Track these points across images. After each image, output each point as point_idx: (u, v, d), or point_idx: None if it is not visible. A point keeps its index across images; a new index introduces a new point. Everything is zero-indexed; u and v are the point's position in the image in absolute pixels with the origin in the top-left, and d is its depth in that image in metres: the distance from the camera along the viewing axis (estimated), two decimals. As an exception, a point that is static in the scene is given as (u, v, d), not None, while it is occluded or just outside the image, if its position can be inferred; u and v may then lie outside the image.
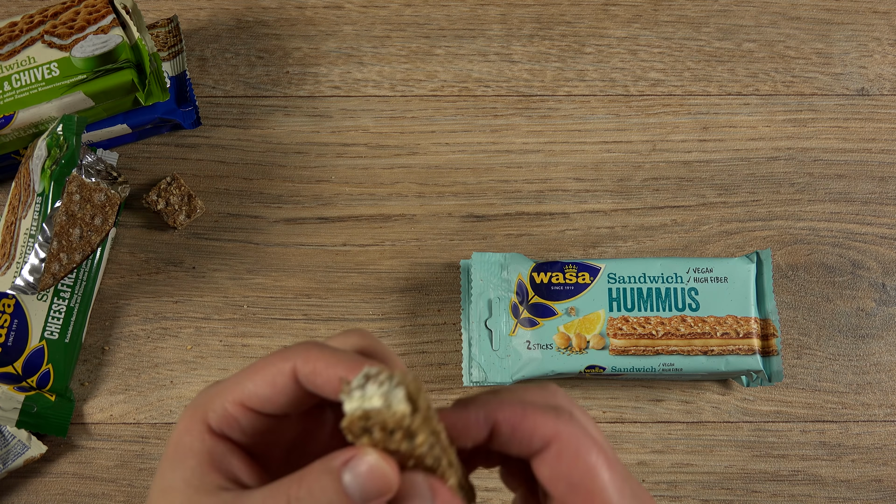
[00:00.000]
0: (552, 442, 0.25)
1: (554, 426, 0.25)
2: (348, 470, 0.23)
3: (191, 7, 0.57)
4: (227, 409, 0.26)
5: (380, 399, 0.23)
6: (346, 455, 0.24)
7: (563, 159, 0.55)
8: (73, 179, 0.48)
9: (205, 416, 0.26)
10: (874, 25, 0.58)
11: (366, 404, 0.23)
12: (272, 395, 0.25)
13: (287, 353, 0.26)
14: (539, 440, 0.25)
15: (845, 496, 0.51)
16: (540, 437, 0.25)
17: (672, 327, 0.48)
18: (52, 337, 0.50)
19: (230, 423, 0.26)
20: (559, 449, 0.25)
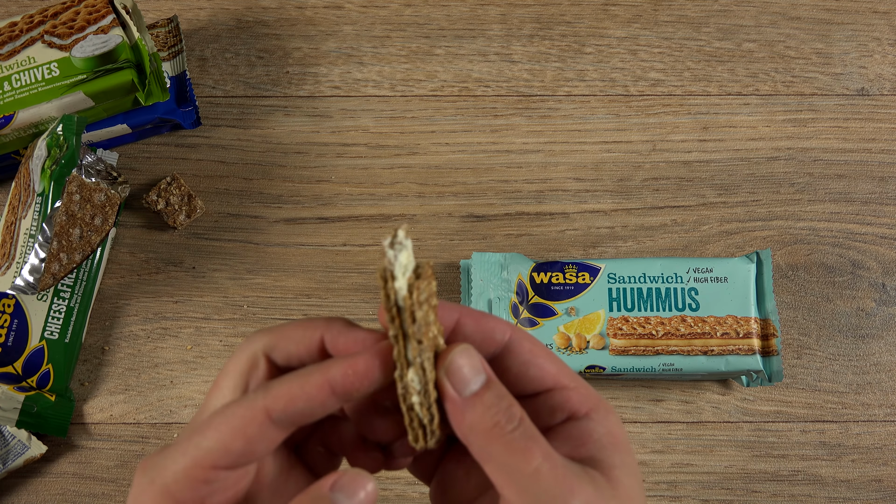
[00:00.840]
0: (512, 335, 0.29)
1: (508, 324, 0.29)
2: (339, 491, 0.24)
3: (191, 7, 0.57)
4: (191, 474, 0.25)
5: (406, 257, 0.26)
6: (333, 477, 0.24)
7: (563, 159, 0.55)
8: (73, 179, 0.48)
9: (164, 485, 0.25)
10: (874, 25, 0.58)
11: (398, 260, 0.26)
12: (245, 447, 0.25)
13: (254, 398, 0.25)
14: (501, 333, 0.28)
15: (845, 496, 0.51)
16: (501, 331, 0.28)
17: (672, 327, 0.48)
18: (52, 337, 0.50)
19: (198, 489, 0.25)
20: (519, 338, 0.29)
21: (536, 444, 0.26)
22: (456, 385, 0.26)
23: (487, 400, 0.26)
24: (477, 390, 0.26)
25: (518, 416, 0.26)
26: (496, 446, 0.26)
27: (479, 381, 0.26)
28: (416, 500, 0.50)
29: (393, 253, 0.26)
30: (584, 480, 0.26)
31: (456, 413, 0.26)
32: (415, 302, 0.26)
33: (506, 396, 0.27)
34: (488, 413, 0.26)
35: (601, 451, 0.28)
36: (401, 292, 0.26)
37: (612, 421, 0.29)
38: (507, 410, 0.26)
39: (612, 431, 0.28)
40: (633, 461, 0.28)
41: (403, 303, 0.26)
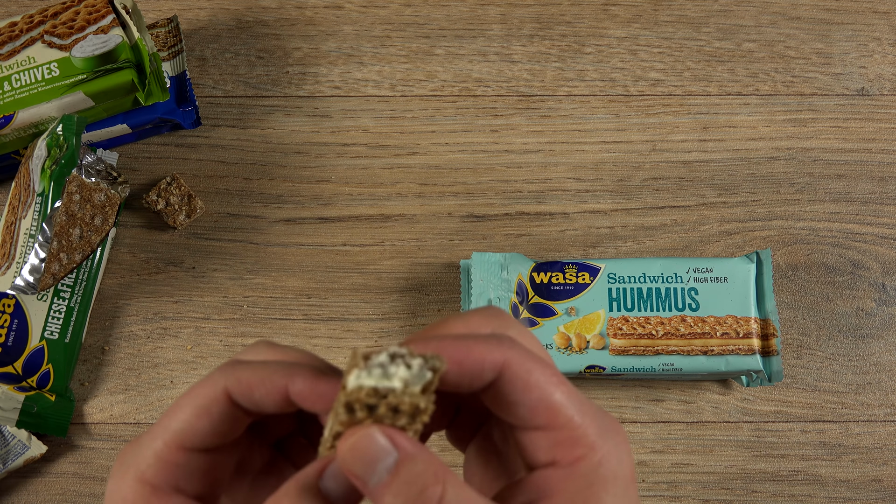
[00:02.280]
0: (506, 366, 0.25)
1: (501, 350, 0.24)
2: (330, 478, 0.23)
3: (191, 7, 0.57)
4: (163, 456, 0.24)
5: (400, 381, 0.23)
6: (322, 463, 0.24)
7: (563, 159, 0.55)
8: (73, 179, 0.48)
9: (138, 472, 0.24)
10: (874, 25, 0.58)
11: (383, 383, 0.23)
12: (210, 426, 0.24)
13: (211, 379, 0.25)
14: (491, 369, 0.24)
15: (845, 496, 0.51)
16: (491, 365, 0.24)
17: (672, 327, 0.48)
18: (52, 337, 0.50)
19: (170, 472, 0.24)
20: (516, 369, 0.25)
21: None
22: (358, 474, 0.23)
23: (397, 485, 0.23)
24: (384, 479, 0.23)
25: (437, 495, 0.23)
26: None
27: (389, 462, 0.23)
28: (416, 500, 0.50)
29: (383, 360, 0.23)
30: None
31: (373, 500, 0.24)
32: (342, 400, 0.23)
33: (421, 473, 0.23)
34: (400, 498, 0.23)
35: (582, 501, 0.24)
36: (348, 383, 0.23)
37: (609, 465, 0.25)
38: (423, 492, 0.23)
39: (594, 483, 0.24)
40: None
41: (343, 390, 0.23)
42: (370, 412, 0.23)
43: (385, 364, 0.23)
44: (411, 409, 0.23)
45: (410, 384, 0.23)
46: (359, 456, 0.23)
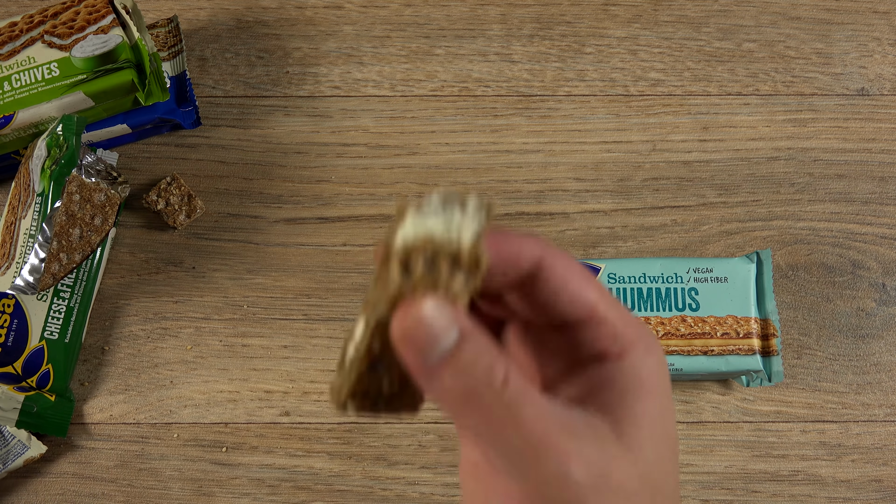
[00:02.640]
0: (542, 257, 0.24)
1: (535, 241, 0.24)
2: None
3: (191, 7, 0.57)
4: None
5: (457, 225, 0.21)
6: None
7: (563, 159, 0.55)
8: (73, 179, 0.48)
9: None
10: (874, 25, 0.58)
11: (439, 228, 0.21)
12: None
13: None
14: (528, 258, 0.24)
15: (845, 496, 0.51)
16: (529, 254, 0.24)
17: (672, 327, 0.48)
18: (52, 337, 0.50)
19: None
20: (551, 261, 0.24)
21: (526, 408, 0.22)
22: (420, 348, 0.21)
23: (461, 362, 0.21)
24: (448, 351, 0.21)
25: (501, 377, 0.22)
26: (474, 417, 0.22)
27: (451, 338, 0.21)
28: (415, 500, 0.50)
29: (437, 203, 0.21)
30: (584, 440, 0.22)
31: (421, 379, 0.22)
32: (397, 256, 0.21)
33: (486, 352, 0.22)
34: (463, 379, 0.21)
35: (620, 400, 0.24)
36: (399, 238, 0.21)
37: (649, 364, 0.24)
38: (488, 373, 0.21)
39: (641, 377, 0.24)
40: (660, 414, 0.24)
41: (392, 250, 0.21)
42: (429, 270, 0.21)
43: (439, 207, 0.21)
44: (470, 262, 0.21)
45: (465, 228, 0.21)
46: (422, 329, 0.21)
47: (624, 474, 0.22)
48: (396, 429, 0.51)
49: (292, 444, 0.51)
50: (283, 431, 0.51)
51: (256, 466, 0.51)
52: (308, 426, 0.51)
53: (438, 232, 0.21)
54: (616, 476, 0.22)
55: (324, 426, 0.51)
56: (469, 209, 0.21)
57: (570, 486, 0.22)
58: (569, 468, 0.22)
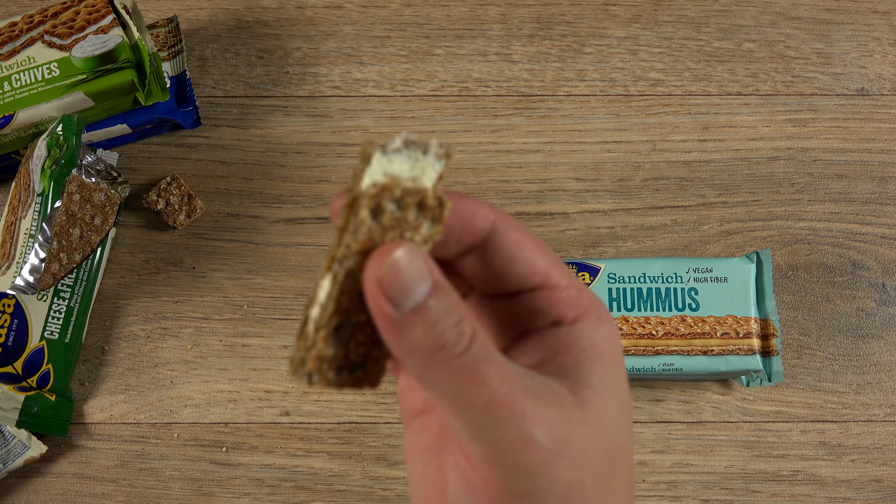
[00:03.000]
0: (495, 221, 0.24)
1: (491, 211, 0.24)
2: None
3: (191, 7, 0.57)
4: None
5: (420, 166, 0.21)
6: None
7: (563, 159, 0.55)
8: (73, 179, 0.48)
9: None
10: (874, 25, 0.58)
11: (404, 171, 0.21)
12: None
13: None
14: (483, 220, 0.24)
15: (845, 496, 0.51)
16: (483, 217, 0.24)
17: (672, 327, 0.48)
18: (52, 337, 0.50)
19: None
20: (505, 227, 0.24)
21: (491, 367, 0.21)
22: (392, 296, 0.21)
23: (432, 315, 0.21)
24: (419, 302, 0.21)
25: (468, 334, 0.21)
26: (440, 372, 0.21)
27: (424, 289, 0.21)
28: (416, 500, 0.50)
29: (399, 145, 0.21)
30: (546, 404, 0.22)
31: (390, 332, 0.21)
32: (369, 196, 0.20)
33: (455, 308, 0.21)
34: (432, 332, 0.21)
35: (577, 365, 0.24)
36: (366, 180, 0.21)
37: (603, 332, 0.24)
38: (456, 327, 0.21)
39: (597, 344, 0.24)
40: (614, 380, 0.24)
41: (360, 192, 0.21)
42: (395, 214, 0.21)
43: (400, 149, 0.21)
44: (435, 206, 0.21)
45: (427, 172, 0.21)
46: (396, 275, 0.21)
47: (584, 439, 0.22)
48: (396, 429, 0.51)
49: (292, 444, 0.51)
50: (283, 431, 0.51)
51: (256, 466, 0.51)
52: (308, 426, 0.51)
53: (404, 173, 0.21)
54: (576, 441, 0.22)
55: (324, 426, 0.51)
56: (430, 152, 0.21)
57: (532, 449, 0.21)
58: (532, 431, 0.21)
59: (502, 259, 0.24)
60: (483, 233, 0.24)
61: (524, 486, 0.22)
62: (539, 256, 0.25)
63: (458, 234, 0.24)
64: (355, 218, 0.21)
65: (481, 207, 0.24)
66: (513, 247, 0.24)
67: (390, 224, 0.21)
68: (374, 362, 0.23)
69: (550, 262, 0.25)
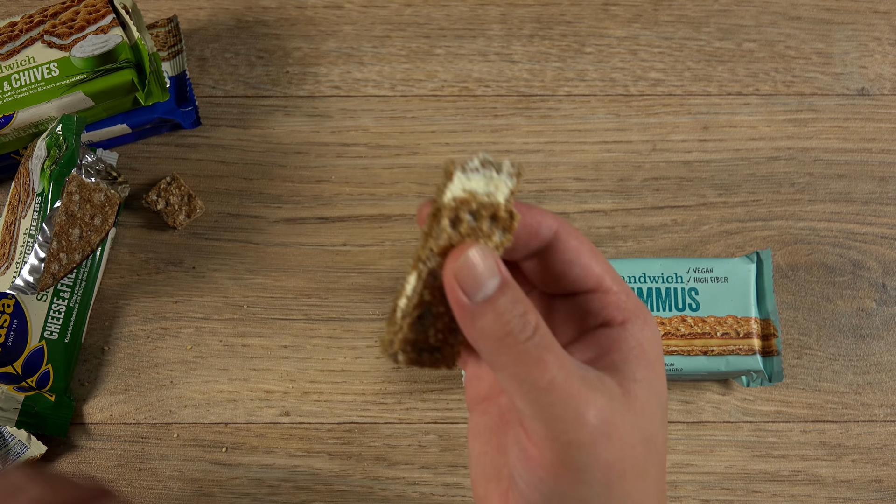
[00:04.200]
0: (559, 230, 0.28)
1: (555, 221, 0.28)
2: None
3: (191, 7, 0.57)
4: None
5: (495, 183, 0.25)
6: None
7: (563, 159, 0.55)
8: (72, 179, 0.48)
9: None
10: (874, 25, 0.58)
11: (481, 187, 0.25)
12: None
13: None
14: (547, 228, 0.28)
15: (846, 496, 0.51)
16: (548, 225, 0.28)
17: (672, 327, 0.48)
18: (52, 337, 0.50)
19: None
20: (566, 235, 0.28)
21: (551, 355, 0.25)
22: (466, 288, 0.25)
23: (500, 306, 0.25)
24: (490, 294, 0.25)
25: (533, 323, 0.25)
26: (508, 356, 0.25)
27: (494, 283, 0.25)
28: (415, 500, 0.50)
29: (477, 165, 0.25)
30: (598, 392, 0.26)
31: (465, 319, 0.25)
32: (447, 210, 0.25)
33: (521, 301, 0.25)
34: (501, 320, 0.25)
35: (625, 362, 0.27)
36: (448, 194, 0.25)
37: (647, 334, 0.28)
38: (522, 318, 0.25)
39: (642, 344, 0.28)
40: (656, 377, 0.28)
41: (443, 205, 0.25)
42: (471, 224, 0.25)
43: (478, 168, 0.25)
44: (506, 217, 0.26)
45: (500, 189, 0.26)
46: (472, 269, 0.25)
47: (627, 425, 0.26)
48: (396, 429, 0.51)
49: (292, 444, 0.51)
50: (283, 431, 0.51)
51: (256, 466, 0.51)
52: (308, 426, 0.51)
53: (480, 189, 0.25)
54: (621, 425, 0.26)
55: (324, 426, 0.51)
56: (503, 171, 0.25)
57: (585, 428, 0.25)
58: (586, 412, 0.25)
59: (562, 263, 0.28)
60: (547, 240, 0.28)
61: (576, 461, 0.25)
62: (594, 263, 0.28)
63: (526, 240, 0.28)
64: (437, 226, 0.25)
65: (546, 218, 0.28)
66: (571, 253, 0.28)
67: (467, 232, 0.25)
68: (451, 347, 0.27)
69: (604, 268, 0.29)
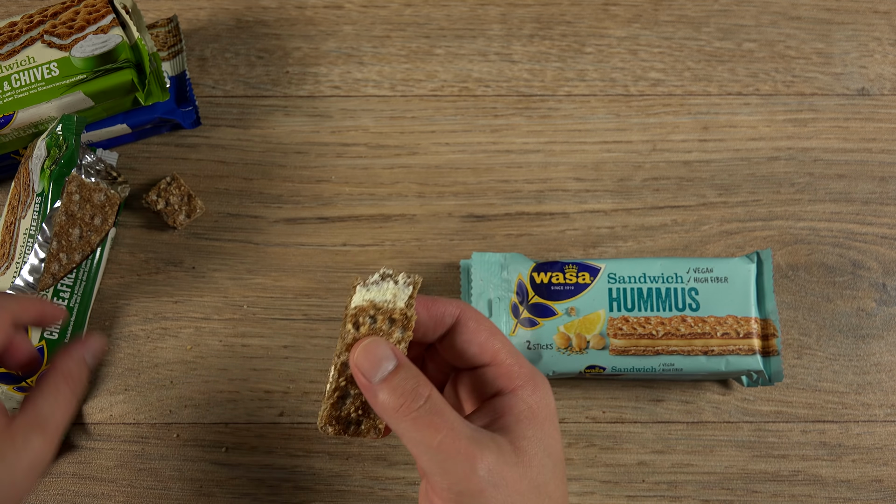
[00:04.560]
0: (460, 315, 0.33)
1: (457, 304, 0.34)
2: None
3: (191, 7, 0.57)
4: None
5: (391, 293, 0.32)
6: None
7: (563, 159, 0.55)
8: (72, 179, 0.48)
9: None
10: (874, 25, 0.58)
11: (379, 297, 0.32)
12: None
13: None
14: (450, 316, 0.33)
15: (846, 496, 0.51)
16: (450, 313, 0.33)
17: (672, 327, 0.48)
18: (52, 337, 0.50)
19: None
20: (466, 318, 0.33)
21: (440, 419, 0.30)
22: (365, 372, 0.30)
23: (394, 383, 0.30)
24: (386, 375, 0.30)
25: (425, 395, 0.30)
26: (405, 423, 0.30)
27: (390, 366, 0.30)
28: (415, 500, 0.50)
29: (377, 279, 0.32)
30: (488, 449, 0.30)
31: (369, 396, 0.31)
32: (349, 317, 0.31)
33: (414, 377, 0.30)
34: (395, 393, 0.30)
35: (516, 423, 0.32)
36: (352, 304, 0.32)
37: (536, 397, 0.33)
38: (414, 391, 0.30)
39: (531, 407, 0.32)
40: (546, 435, 0.32)
41: (347, 312, 0.31)
42: (371, 325, 0.31)
43: (378, 281, 0.32)
44: (402, 319, 0.31)
45: (398, 296, 0.32)
46: (368, 357, 0.31)
47: (516, 475, 0.31)
48: (396, 429, 0.51)
49: (292, 444, 0.51)
50: (283, 431, 0.51)
51: (256, 466, 0.51)
52: (308, 426, 0.51)
53: (378, 298, 0.32)
54: (509, 476, 0.30)
55: (324, 426, 0.51)
56: (400, 282, 0.32)
57: (473, 479, 0.30)
58: (476, 465, 0.30)
59: (462, 342, 0.34)
60: (449, 325, 0.34)
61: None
62: (491, 340, 0.34)
63: (434, 328, 0.34)
64: (344, 328, 0.32)
65: (449, 307, 0.34)
66: (470, 333, 0.34)
67: (368, 332, 0.31)
68: (371, 420, 0.33)
69: (501, 344, 0.34)
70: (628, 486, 0.50)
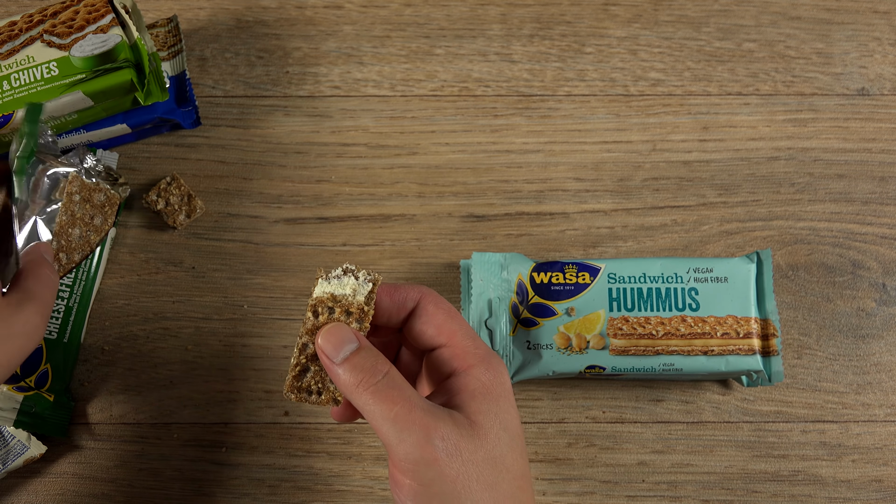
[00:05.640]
0: (420, 300, 0.36)
1: (419, 289, 0.36)
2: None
3: (191, 7, 0.57)
4: None
5: (350, 288, 0.34)
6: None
7: (563, 159, 0.55)
8: (73, 180, 0.48)
9: None
10: (874, 25, 0.58)
11: (338, 290, 0.34)
12: None
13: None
14: (412, 300, 0.36)
15: (846, 496, 0.51)
16: (412, 298, 0.36)
17: (672, 327, 0.48)
18: (51, 337, 0.50)
19: None
20: (426, 302, 0.36)
21: (398, 392, 0.32)
22: (329, 354, 0.33)
23: (354, 361, 0.33)
24: (348, 356, 0.33)
25: (383, 370, 0.33)
26: (365, 396, 0.32)
27: (351, 347, 0.33)
28: (416, 500, 0.50)
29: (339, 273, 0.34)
30: (443, 421, 0.32)
31: (333, 374, 0.33)
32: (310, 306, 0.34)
33: (373, 357, 0.33)
34: (356, 370, 0.32)
35: (470, 399, 0.34)
36: (314, 294, 0.34)
37: (490, 375, 0.35)
38: (373, 367, 0.33)
39: (485, 384, 0.34)
40: (501, 410, 0.34)
41: (310, 301, 0.34)
42: (329, 315, 0.34)
43: (340, 276, 0.34)
44: (358, 312, 0.34)
45: (357, 291, 0.34)
46: (331, 339, 0.33)
47: (471, 447, 0.33)
48: (396, 429, 0.51)
49: (292, 444, 0.51)
50: (283, 431, 0.51)
51: (256, 466, 0.51)
52: (308, 426, 0.51)
53: (338, 291, 0.34)
54: (465, 447, 0.32)
55: (324, 426, 0.51)
56: (360, 278, 0.35)
57: (429, 449, 0.32)
58: (430, 435, 0.32)
59: (421, 324, 0.36)
60: (410, 308, 0.36)
61: (426, 476, 0.32)
62: (448, 322, 0.36)
63: (396, 312, 0.36)
64: (305, 315, 0.35)
65: (411, 292, 0.36)
66: (429, 315, 0.36)
67: (325, 321, 0.34)
68: (329, 392, 0.35)
69: (457, 326, 0.36)
70: (628, 486, 0.50)
